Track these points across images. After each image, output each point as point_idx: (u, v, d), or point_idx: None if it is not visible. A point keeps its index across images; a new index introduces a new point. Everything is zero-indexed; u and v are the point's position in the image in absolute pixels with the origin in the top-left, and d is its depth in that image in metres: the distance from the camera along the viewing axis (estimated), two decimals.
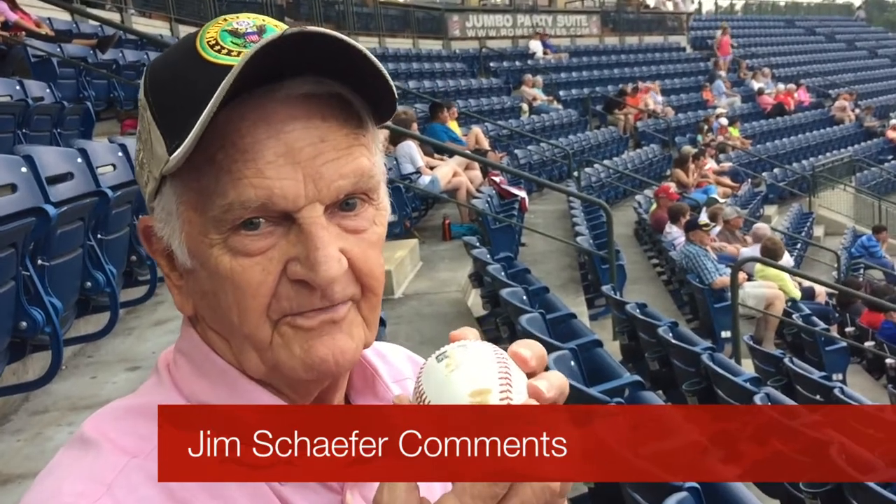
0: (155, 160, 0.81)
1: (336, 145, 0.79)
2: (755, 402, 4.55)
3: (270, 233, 0.79)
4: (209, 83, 0.75)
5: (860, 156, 23.58)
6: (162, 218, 0.83)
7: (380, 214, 0.85)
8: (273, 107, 0.78)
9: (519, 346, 0.78)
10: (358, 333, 0.83)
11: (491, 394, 0.73)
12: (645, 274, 11.58)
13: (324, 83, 0.79)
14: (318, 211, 0.78)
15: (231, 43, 0.81)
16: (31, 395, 4.08)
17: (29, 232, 3.46)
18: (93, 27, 11.33)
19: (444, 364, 0.75)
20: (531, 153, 14.96)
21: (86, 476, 0.77)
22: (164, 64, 0.84)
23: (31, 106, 6.58)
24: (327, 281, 0.78)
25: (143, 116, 0.83)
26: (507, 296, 5.43)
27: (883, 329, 9.80)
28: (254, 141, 0.77)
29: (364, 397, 0.92)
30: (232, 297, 0.79)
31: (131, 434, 0.80)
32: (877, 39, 42.57)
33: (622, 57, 27.21)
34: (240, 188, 0.77)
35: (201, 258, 0.81)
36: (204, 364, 0.85)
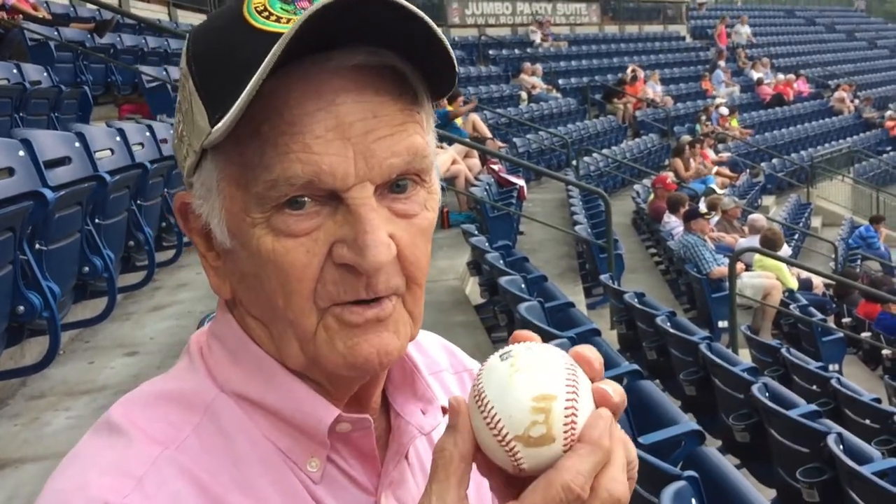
0: (196, 132, 0.76)
1: (389, 121, 0.74)
2: (752, 392, 4.56)
3: (317, 213, 0.74)
4: (256, 51, 0.70)
5: (859, 147, 23.58)
6: (201, 194, 0.78)
7: (431, 198, 0.79)
8: (323, 78, 0.73)
9: (583, 349, 0.73)
10: (404, 331, 0.78)
11: (556, 400, 0.68)
12: (643, 263, 11.58)
13: (378, 53, 0.74)
14: (368, 191, 0.73)
15: (280, 9, 0.75)
16: (29, 380, 4.08)
17: (26, 216, 3.44)
18: (91, 11, 11.29)
19: (508, 364, 0.70)
20: (530, 142, 14.94)
21: (114, 467, 0.72)
22: (207, 31, 0.79)
23: (29, 90, 6.56)
24: (375, 266, 0.73)
25: (185, 86, 0.78)
26: (505, 284, 5.43)
27: (880, 320, 9.82)
28: (302, 113, 0.72)
29: (403, 393, 0.87)
30: (275, 281, 0.75)
31: (162, 422, 0.76)
32: (876, 30, 42.51)
33: (622, 46, 27.14)
34: (286, 163, 0.72)
35: (242, 238, 0.76)
36: (239, 351, 0.80)
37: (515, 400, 0.68)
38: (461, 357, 1.02)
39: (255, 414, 0.78)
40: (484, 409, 0.69)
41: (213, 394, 0.79)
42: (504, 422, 0.68)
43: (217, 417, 0.77)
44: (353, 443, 0.80)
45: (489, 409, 0.69)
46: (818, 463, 4.00)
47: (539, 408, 0.67)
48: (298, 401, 0.78)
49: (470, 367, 1.01)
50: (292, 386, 0.78)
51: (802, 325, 9.21)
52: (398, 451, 0.83)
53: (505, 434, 0.68)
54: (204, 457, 0.75)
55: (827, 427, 4.18)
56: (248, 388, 0.79)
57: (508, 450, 0.68)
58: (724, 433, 5.07)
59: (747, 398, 4.69)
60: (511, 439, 0.68)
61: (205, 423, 0.77)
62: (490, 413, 0.69)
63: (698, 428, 3.40)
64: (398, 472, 0.83)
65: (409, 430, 0.84)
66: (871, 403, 5.51)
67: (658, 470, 2.74)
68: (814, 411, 4.56)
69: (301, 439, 0.78)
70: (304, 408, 0.78)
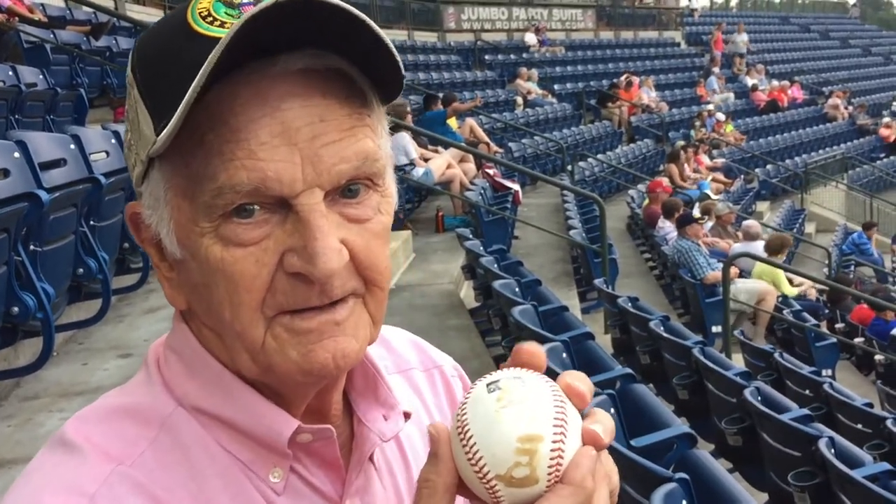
0: (142, 141, 0.74)
1: (337, 125, 0.73)
2: (745, 396, 4.57)
3: (265, 221, 0.72)
4: (199, 57, 0.68)
5: (852, 153, 23.64)
6: (150, 204, 0.77)
7: (385, 202, 0.78)
8: (268, 83, 0.71)
9: (574, 380, 0.70)
10: (363, 333, 0.77)
11: (543, 442, 0.65)
12: (637, 268, 11.61)
13: (324, 57, 0.73)
14: (317, 197, 0.71)
15: (225, 14, 0.74)
16: (23, 381, 4.08)
17: (21, 217, 3.45)
18: (86, 14, 11.29)
19: (495, 397, 0.67)
20: (525, 146, 14.97)
21: (66, 486, 0.71)
22: (152, 37, 0.77)
23: (24, 92, 6.56)
24: (326, 274, 0.71)
25: (130, 94, 0.76)
26: (499, 288, 5.44)
27: (872, 325, 9.85)
28: (247, 120, 0.70)
29: (365, 399, 0.85)
30: (224, 291, 0.73)
31: (117, 438, 0.75)
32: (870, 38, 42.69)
33: (617, 51, 27.23)
34: (231, 171, 0.70)
35: (191, 248, 0.74)
36: (196, 364, 0.79)
37: (500, 439, 0.65)
38: (431, 353, 1.01)
39: (213, 427, 0.77)
40: (466, 444, 0.67)
41: (170, 408, 0.78)
42: (486, 459, 0.66)
43: (174, 432, 0.76)
44: (315, 452, 0.79)
45: (471, 445, 0.66)
46: (810, 467, 4.02)
47: (524, 449, 0.65)
48: (257, 413, 0.77)
49: (440, 363, 1.00)
50: (250, 398, 0.77)
51: (796, 330, 9.24)
52: (360, 459, 0.82)
53: (486, 472, 0.66)
54: (160, 472, 0.74)
55: (818, 431, 4.20)
56: (205, 401, 0.78)
57: (489, 487, 0.66)
58: (717, 437, 5.09)
59: (740, 402, 4.70)
60: (492, 477, 0.66)
61: (161, 438, 0.76)
62: (472, 449, 0.66)
63: (690, 431, 3.41)
64: (363, 479, 0.82)
65: (370, 437, 0.83)
66: (863, 408, 5.53)
67: (649, 472, 2.75)
68: (806, 415, 4.57)
69: (262, 451, 0.77)
70: (263, 420, 0.76)
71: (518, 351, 0.71)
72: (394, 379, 0.91)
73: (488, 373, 0.70)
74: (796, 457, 4.12)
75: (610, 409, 3.31)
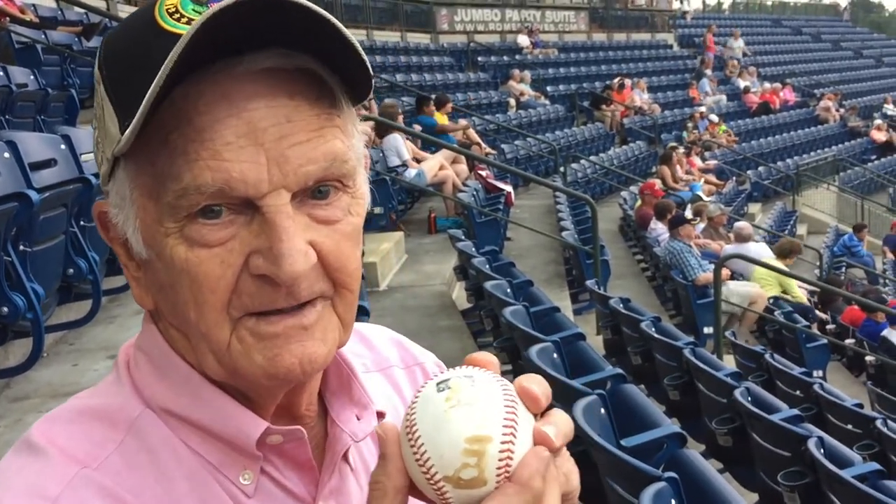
0: (108, 139, 0.74)
1: (305, 126, 0.72)
2: (735, 396, 4.59)
3: (231, 222, 0.71)
4: (165, 54, 0.67)
5: (844, 155, 23.76)
6: (116, 203, 0.76)
7: (356, 203, 0.77)
8: (234, 82, 0.70)
9: (529, 382, 0.69)
10: (332, 337, 0.76)
11: (491, 443, 0.64)
12: (629, 270, 11.63)
13: (292, 56, 0.72)
14: (283, 198, 0.71)
15: (192, 10, 0.73)
16: (12, 382, 4.07)
17: (11, 217, 3.44)
18: (78, 14, 11.26)
19: (443, 396, 0.65)
20: (518, 148, 14.99)
21: (29, 489, 0.70)
22: (120, 33, 0.76)
23: (15, 92, 6.55)
24: (291, 277, 0.70)
25: (97, 91, 0.75)
26: (491, 288, 5.45)
27: (863, 327, 9.89)
28: (212, 119, 0.70)
29: (339, 399, 0.85)
30: (188, 292, 0.72)
31: (83, 440, 0.74)
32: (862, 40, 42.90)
33: (609, 53, 27.30)
34: (195, 171, 0.69)
35: (157, 248, 0.74)
36: (164, 365, 0.78)
37: (447, 440, 0.64)
38: (412, 350, 1.01)
39: (182, 429, 0.76)
40: (414, 445, 0.65)
41: (138, 410, 0.77)
42: (434, 461, 0.64)
43: (142, 434, 0.76)
44: (287, 454, 0.79)
45: (419, 446, 0.65)
46: (799, 467, 4.03)
47: (472, 450, 0.63)
48: (225, 415, 0.76)
49: (422, 360, 1.00)
50: (218, 400, 0.77)
51: (787, 331, 9.27)
52: (332, 459, 0.82)
53: (434, 473, 0.64)
54: (127, 475, 0.73)
55: (808, 431, 4.21)
56: (174, 403, 0.77)
57: (437, 489, 0.65)
58: (708, 438, 5.10)
59: (730, 402, 4.72)
60: (440, 479, 0.64)
61: (129, 441, 0.75)
62: (420, 450, 0.65)
63: (680, 431, 3.42)
64: (337, 479, 0.81)
65: (342, 437, 0.82)
66: (853, 409, 5.56)
67: (639, 471, 2.76)
68: (795, 416, 4.59)
69: (231, 453, 0.76)
70: (232, 422, 0.76)
71: (469, 360, 0.70)
72: (374, 377, 0.91)
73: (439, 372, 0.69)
74: (786, 457, 4.14)
75: (600, 409, 3.32)
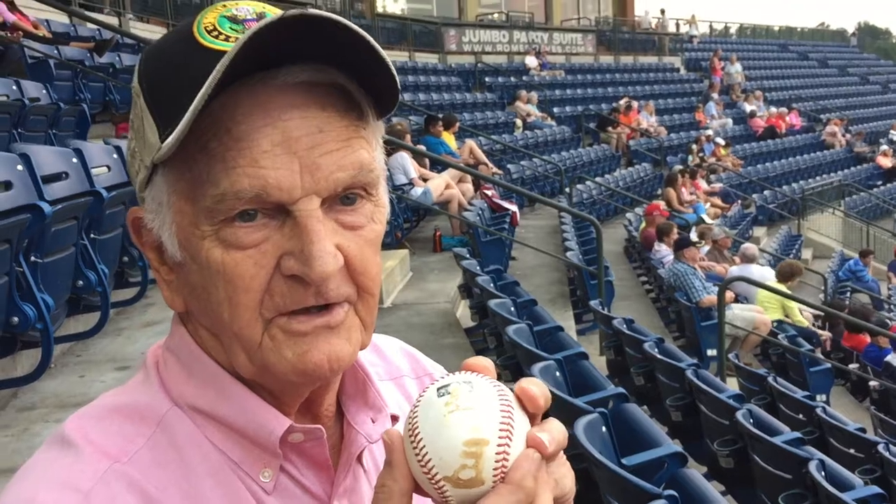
0: (147, 148, 0.78)
1: (335, 136, 0.76)
2: (737, 418, 4.60)
3: (265, 225, 0.75)
4: (205, 69, 0.72)
5: (849, 180, 23.80)
6: (152, 209, 0.80)
7: (378, 211, 0.81)
8: (270, 94, 0.75)
9: (529, 383, 0.72)
10: (355, 337, 0.80)
11: (488, 445, 0.68)
12: (633, 291, 11.64)
13: (324, 71, 0.76)
14: (314, 203, 0.75)
15: (229, 29, 0.78)
16: (20, 392, 4.10)
17: (24, 228, 3.49)
18: (90, 30, 11.40)
19: (443, 401, 0.70)
20: (524, 168, 15.06)
21: (62, 482, 0.73)
22: (159, 50, 0.81)
23: (28, 106, 6.62)
24: (322, 277, 0.74)
25: (136, 103, 0.80)
26: (495, 307, 5.47)
27: (867, 352, 9.88)
28: (249, 129, 0.74)
29: (355, 402, 0.88)
30: (223, 292, 0.76)
31: (114, 435, 0.77)
32: (868, 66, 43.04)
33: (616, 76, 27.43)
34: (233, 177, 0.74)
35: (192, 251, 0.77)
36: (193, 365, 0.81)
37: (447, 442, 0.68)
38: (423, 361, 1.05)
39: (208, 426, 0.79)
40: (416, 446, 0.69)
41: (166, 407, 0.80)
42: (434, 462, 0.68)
43: (170, 430, 0.78)
44: (306, 453, 0.82)
45: (421, 447, 0.69)
46: (800, 489, 4.04)
47: (470, 452, 0.68)
48: (250, 413, 0.79)
49: (431, 370, 1.04)
50: (244, 398, 0.80)
51: (790, 355, 9.26)
52: (348, 460, 0.85)
53: (434, 473, 0.69)
54: (154, 470, 0.76)
55: (809, 454, 4.22)
56: (200, 400, 0.80)
57: (437, 487, 0.69)
58: (710, 460, 5.11)
59: (732, 424, 4.73)
60: (440, 479, 0.69)
61: (157, 437, 0.78)
62: (421, 451, 0.69)
63: (681, 450, 3.44)
64: (351, 479, 0.85)
65: (358, 439, 0.86)
66: (855, 433, 5.56)
67: (639, 489, 2.78)
68: (797, 438, 4.60)
69: (254, 450, 0.79)
70: (257, 419, 0.79)
71: (466, 365, 0.74)
72: (385, 386, 0.94)
73: (441, 377, 0.73)
74: (787, 479, 4.15)
75: (602, 427, 3.35)
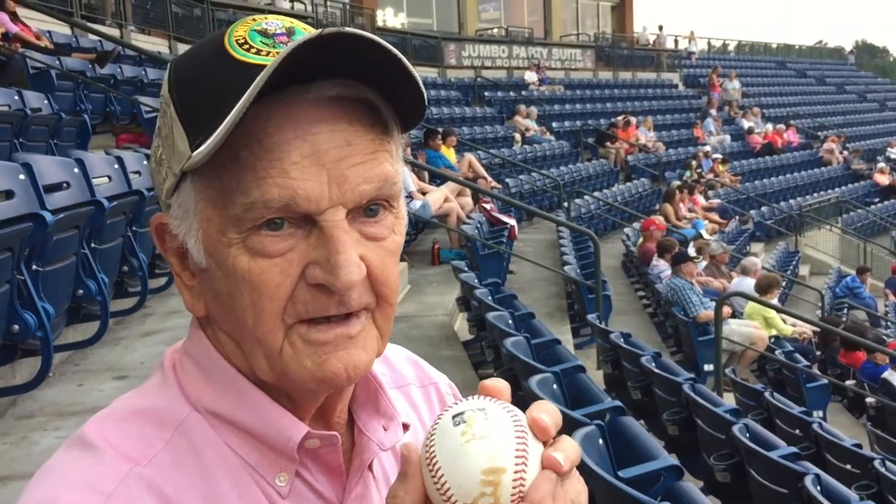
0: (176, 156, 0.80)
1: (362, 149, 0.78)
2: (733, 432, 4.61)
3: (291, 234, 0.77)
4: (238, 81, 0.75)
5: (847, 197, 23.85)
6: (178, 215, 0.82)
7: (399, 223, 0.83)
8: (301, 108, 0.77)
9: (540, 412, 0.74)
10: (372, 345, 0.81)
11: (506, 473, 0.70)
12: (631, 306, 11.66)
13: (352, 86, 0.78)
14: (340, 214, 0.77)
15: (261, 43, 0.80)
16: (18, 400, 4.11)
17: (25, 237, 3.50)
18: (92, 42, 11.44)
19: (460, 430, 0.71)
20: (522, 182, 15.10)
21: (84, 483, 0.74)
22: (190, 60, 0.83)
23: (29, 116, 6.65)
24: (347, 286, 0.76)
25: (166, 112, 0.81)
26: (493, 319, 5.49)
27: (864, 368, 9.89)
28: (280, 140, 0.76)
29: (366, 410, 0.90)
30: (248, 299, 0.78)
31: (134, 438, 0.79)
32: (866, 84, 43.24)
33: (615, 91, 27.54)
34: (264, 187, 0.75)
35: (218, 257, 0.79)
36: (212, 369, 0.83)
37: (465, 471, 0.70)
38: (427, 370, 1.07)
39: (225, 430, 0.81)
40: (434, 475, 0.71)
41: (185, 411, 0.81)
42: (453, 490, 0.70)
43: (188, 434, 0.80)
44: (320, 458, 0.84)
45: (439, 475, 0.71)
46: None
47: (488, 481, 0.69)
48: (269, 418, 0.81)
49: (436, 380, 1.06)
50: (263, 403, 0.82)
51: (787, 371, 9.28)
52: (360, 466, 0.87)
53: (454, 501, 0.70)
54: (173, 473, 0.77)
55: (805, 469, 4.23)
56: (219, 405, 0.82)
57: None
58: (706, 473, 5.11)
59: (729, 438, 4.74)
60: None
61: (176, 440, 0.79)
62: (440, 479, 0.71)
63: (677, 463, 3.46)
64: (362, 486, 0.86)
65: (370, 446, 0.88)
66: (851, 448, 5.56)
67: (636, 501, 2.80)
68: (793, 453, 4.61)
69: (270, 455, 0.81)
70: (275, 425, 0.81)
71: (482, 388, 0.76)
72: (392, 394, 0.96)
73: (454, 402, 0.75)
74: (783, 494, 4.16)
75: (598, 440, 3.36)
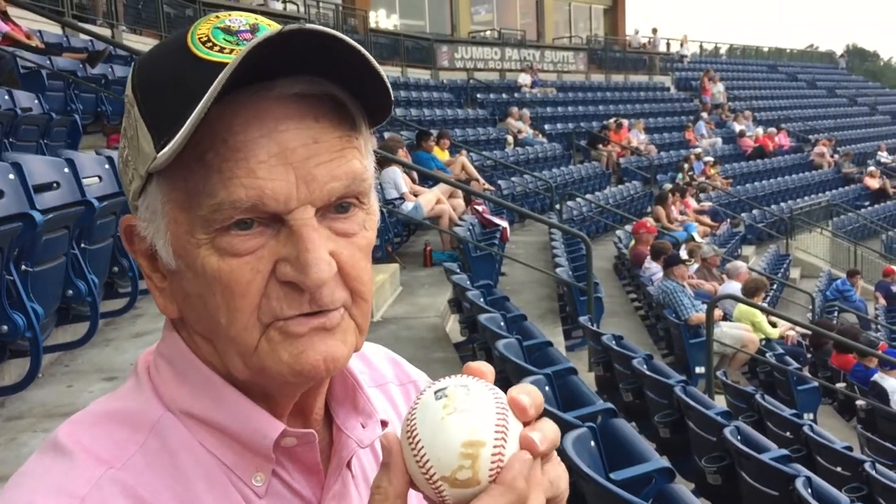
0: (141, 157, 0.78)
1: (329, 147, 0.77)
2: (725, 435, 4.62)
3: (261, 233, 0.76)
4: (201, 80, 0.73)
5: (837, 201, 23.96)
6: (146, 217, 0.80)
7: (370, 219, 0.82)
8: (266, 106, 0.76)
9: (519, 393, 0.74)
10: (350, 339, 0.81)
11: (485, 447, 0.70)
12: (623, 308, 11.67)
13: (318, 83, 0.77)
14: (309, 213, 0.76)
15: (223, 40, 0.78)
16: (7, 401, 4.08)
17: (15, 237, 3.49)
18: (83, 41, 11.40)
19: (441, 404, 0.71)
20: (514, 184, 15.11)
21: (58, 488, 0.74)
22: (153, 60, 0.81)
23: (20, 116, 6.62)
24: (317, 283, 0.75)
25: (130, 113, 0.80)
26: (485, 321, 5.48)
27: (854, 371, 9.92)
28: (246, 139, 0.75)
29: (343, 407, 0.89)
30: (220, 298, 0.76)
31: (107, 441, 0.78)
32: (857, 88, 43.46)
33: (607, 94, 27.60)
34: (230, 188, 0.74)
35: (187, 259, 0.78)
36: (186, 370, 0.82)
37: (445, 443, 0.70)
38: (406, 368, 1.07)
39: (200, 431, 0.80)
40: (414, 448, 0.71)
41: (159, 412, 0.81)
42: (432, 462, 0.70)
43: (162, 436, 0.79)
44: (297, 457, 0.83)
45: (419, 448, 0.71)
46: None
47: (467, 454, 0.70)
48: (244, 417, 0.80)
49: (415, 378, 1.06)
50: (238, 402, 0.81)
51: (778, 373, 9.30)
52: (338, 464, 0.86)
53: (432, 473, 0.70)
54: (148, 475, 0.76)
55: (796, 471, 4.24)
56: (194, 405, 0.81)
57: (434, 487, 0.71)
58: (697, 475, 5.12)
59: (720, 441, 4.75)
60: (438, 479, 0.70)
61: (150, 442, 0.78)
62: (420, 452, 0.71)
63: (668, 465, 3.45)
64: (340, 484, 0.86)
65: (348, 443, 0.87)
66: (842, 451, 5.57)
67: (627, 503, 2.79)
68: (784, 456, 4.61)
69: (246, 454, 0.80)
70: (251, 424, 0.80)
71: (466, 368, 0.76)
72: (371, 392, 0.95)
73: (437, 379, 0.75)
74: (774, 496, 4.16)
75: (590, 442, 3.35)
